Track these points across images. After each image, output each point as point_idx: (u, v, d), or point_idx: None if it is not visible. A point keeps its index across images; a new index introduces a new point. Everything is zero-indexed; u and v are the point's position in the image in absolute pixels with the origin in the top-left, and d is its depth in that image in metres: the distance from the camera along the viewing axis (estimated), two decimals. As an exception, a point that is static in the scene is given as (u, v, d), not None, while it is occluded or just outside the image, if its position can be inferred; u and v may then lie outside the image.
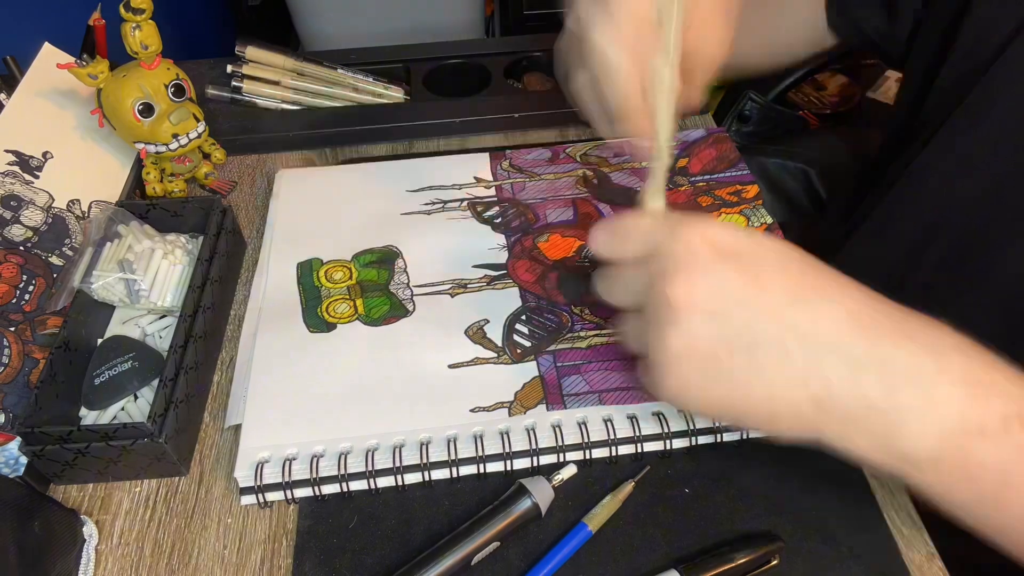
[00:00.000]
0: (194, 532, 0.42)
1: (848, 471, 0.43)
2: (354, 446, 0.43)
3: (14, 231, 0.50)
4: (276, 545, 0.41)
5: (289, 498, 0.42)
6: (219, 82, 0.71)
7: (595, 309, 0.50)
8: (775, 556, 0.39)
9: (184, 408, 0.44)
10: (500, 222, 0.56)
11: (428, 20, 1.32)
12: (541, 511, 0.40)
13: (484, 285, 0.52)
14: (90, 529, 0.41)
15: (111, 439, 0.41)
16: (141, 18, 0.52)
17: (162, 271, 0.50)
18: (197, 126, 0.57)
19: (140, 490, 0.44)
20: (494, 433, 0.43)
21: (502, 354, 0.47)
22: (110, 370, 0.46)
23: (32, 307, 0.48)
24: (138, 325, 0.50)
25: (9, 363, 0.45)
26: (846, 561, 0.39)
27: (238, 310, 0.53)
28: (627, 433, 0.43)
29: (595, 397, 0.44)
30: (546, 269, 0.52)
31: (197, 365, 0.46)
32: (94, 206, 0.55)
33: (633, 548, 0.40)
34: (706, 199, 0.57)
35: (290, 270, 0.53)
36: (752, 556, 0.38)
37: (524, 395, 0.45)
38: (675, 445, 0.43)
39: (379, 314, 0.50)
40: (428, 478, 0.42)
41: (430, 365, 0.47)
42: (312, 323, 0.50)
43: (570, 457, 0.43)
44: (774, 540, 0.39)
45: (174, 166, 0.60)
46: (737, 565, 0.38)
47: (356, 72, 0.73)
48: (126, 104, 0.54)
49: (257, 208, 0.61)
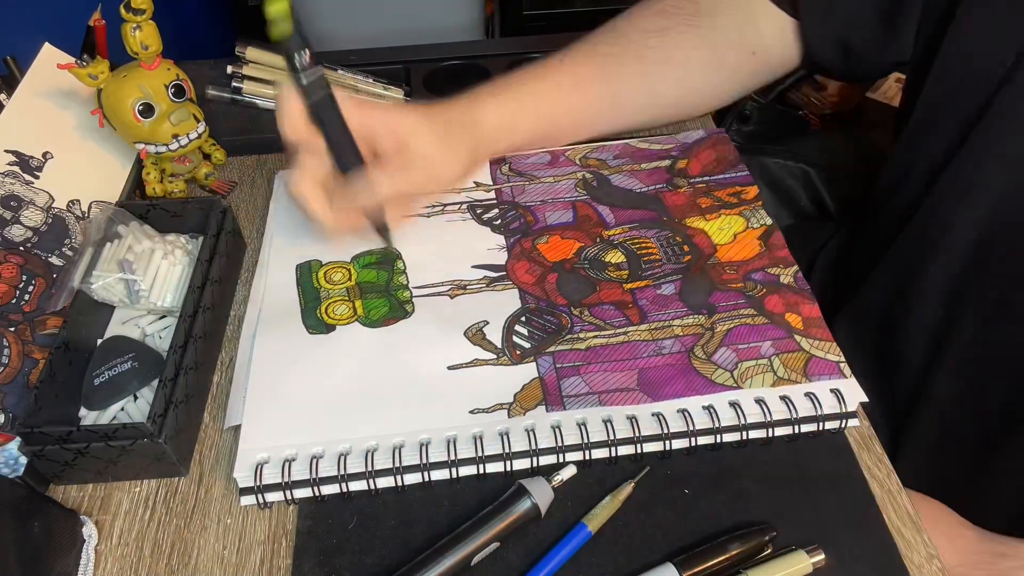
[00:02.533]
0: (194, 532, 0.42)
1: (848, 471, 0.43)
2: (353, 447, 0.43)
3: (14, 231, 0.50)
4: (276, 545, 0.41)
5: (289, 499, 0.42)
6: (219, 83, 0.71)
7: (595, 310, 0.50)
8: (768, 545, 0.39)
9: (184, 408, 0.44)
10: (499, 224, 0.56)
11: (428, 21, 1.32)
12: (541, 511, 0.40)
13: (483, 286, 0.52)
14: (90, 529, 0.41)
15: (111, 439, 0.41)
16: (141, 18, 0.52)
17: (162, 271, 0.50)
18: (197, 127, 0.57)
19: (140, 490, 0.44)
20: (494, 434, 0.43)
21: (501, 355, 0.47)
22: (110, 370, 0.46)
23: (32, 307, 0.48)
24: (138, 325, 0.50)
25: (9, 363, 0.45)
26: (846, 562, 0.39)
27: (238, 311, 0.53)
28: (626, 434, 0.43)
29: (595, 398, 0.44)
30: (545, 271, 0.53)
31: (197, 365, 0.46)
32: (94, 206, 0.55)
33: (633, 548, 0.40)
34: (706, 200, 0.57)
35: (290, 271, 0.53)
36: (745, 547, 0.38)
37: (524, 396, 0.45)
38: (675, 445, 0.43)
39: (378, 315, 0.50)
40: (428, 479, 0.42)
41: (429, 366, 0.47)
42: (311, 324, 0.50)
43: (570, 458, 0.43)
44: (765, 531, 0.39)
45: (174, 166, 0.60)
46: (731, 556, 0.38)
47: (356, 73, 0.73)
48: (126, 104, 0.54)
49: (257, 209, 0.62)
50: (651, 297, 0.50)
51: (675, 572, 0.38)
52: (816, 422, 0.43)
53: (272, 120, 0.70)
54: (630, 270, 0.52)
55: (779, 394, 0.44)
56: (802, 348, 0.46)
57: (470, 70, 0.77)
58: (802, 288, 0.50)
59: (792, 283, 0.50)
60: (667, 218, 0.56)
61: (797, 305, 0.48)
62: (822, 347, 0.46)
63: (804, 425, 0.43)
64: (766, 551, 0.39)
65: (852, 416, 0.44)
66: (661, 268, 0.52)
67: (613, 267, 0.52)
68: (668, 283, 0.51)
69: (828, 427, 0.44)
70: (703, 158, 0.61)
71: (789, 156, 0.84)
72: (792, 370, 0.45)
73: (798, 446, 0.44)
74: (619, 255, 0.53)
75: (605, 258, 0.53)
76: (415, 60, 0.77)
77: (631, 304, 0.50)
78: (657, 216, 0.56)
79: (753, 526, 0.40)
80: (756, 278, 0.51)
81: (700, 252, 0.53)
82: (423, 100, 0.74)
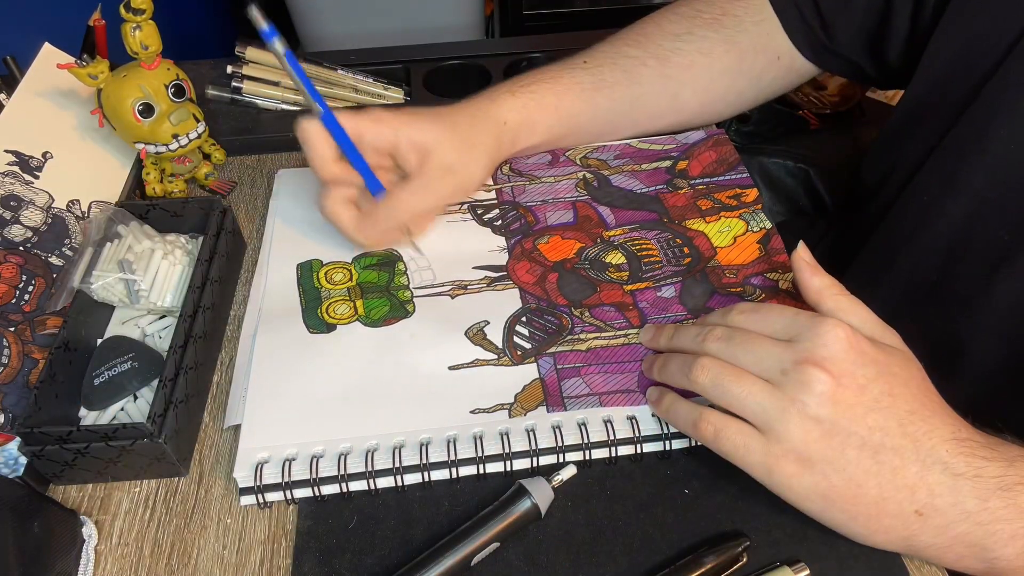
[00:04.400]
0: (193, 532, 0.42)
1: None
2: (354, 446, 0.43)
3: (14, 231, 0.50)
4: (276, 545, 0.41)
5: (289, 498, 0.42)
6: (219, 82, 0.71)
7: (595, 312, 0.50)
8: (742, 556, 0.39)
9: (184, 408, 0.44)
10: (500, 224, 0.56)
11: (428, 20, 1.32)
12: (541, 512, 0.40)
13: (484, 287, 0.52)
14: (89, 529, 0.41)
15: (111, 439, 0.41)
16: (141, 18, 0.52)
17: (162, 271, 0.50)
18: (197, 126, 0.57)
19: (140, 490, 0.44)
20: (494, 434, 0.43)
21: (502, 356, 0.47)
22: (110, 370, 0.46)
23: (32, 307, 0.48)
24: (138, 325, 0.50)
25: (9, 363, 0.45)
26: (846, 562, 0.39)
27: (238, 310, 0.53)
28: (627, 434, 0.43)
29: (595, 399, 0.44)
30: (546, 270, 0.53)
31: (197, 365, 0.46)
32: (94, 206, 0.55)
33: (633, 548, 0.40)
34: (706, 202, 0.57)
35: (290, 271, 0.53)
36: (719, 559, 0.38)
37: (524, 397, 0.45)
38: (675, 445, 0.43)
39: (379, 315, 0.50)
40: (428, 479, 0.42)
41: (430, 366, 0.47)
42: (312, 324, 0.50)
43: (570, 458, 0.43)
44: (739, 538, 0.39)
45: (174, 166, 0.60)
46: (706, 570, 0.38)
47: (356, 73, 0.73)
48: (126, 104, 0.54)
49: (257, 209, 0.61)
50: (651, 300, 0.50)
51: None
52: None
53: (272, 120, 0.70)
54: (630, 271, 0.52)
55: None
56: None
57: (470, 70, 0.77)
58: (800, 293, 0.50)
59: (790, 288, 0.50)
60: (667, 220, 0.56)
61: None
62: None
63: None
64: (740, 562, 0.38)
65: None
66: (661, 270, 0.52)
67: (614, 268, 0.52)
68: (668, 285, 0.51)
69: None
70: (703, 159, 0.61)
71: (789, 156, 0.84)
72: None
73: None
74: (619, 256, 0.53)
75: (606, 259, 0.53)
76: (415, 60, 0.77)
77: (631, 306, 0.50)
78: (657, 217, 0.56)
79: (727, 536, 0.39)
80: (755, 283, 0.51)
81: (700, 254, 0.53)
82: (423, 100, 0.74)
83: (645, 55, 0.58)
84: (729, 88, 0.60)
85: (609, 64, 0.57)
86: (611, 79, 0.57)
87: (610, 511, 0.41)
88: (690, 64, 0.58)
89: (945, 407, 0.38)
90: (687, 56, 0.58)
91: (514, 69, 0.79)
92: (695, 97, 0.60)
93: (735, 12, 0.58)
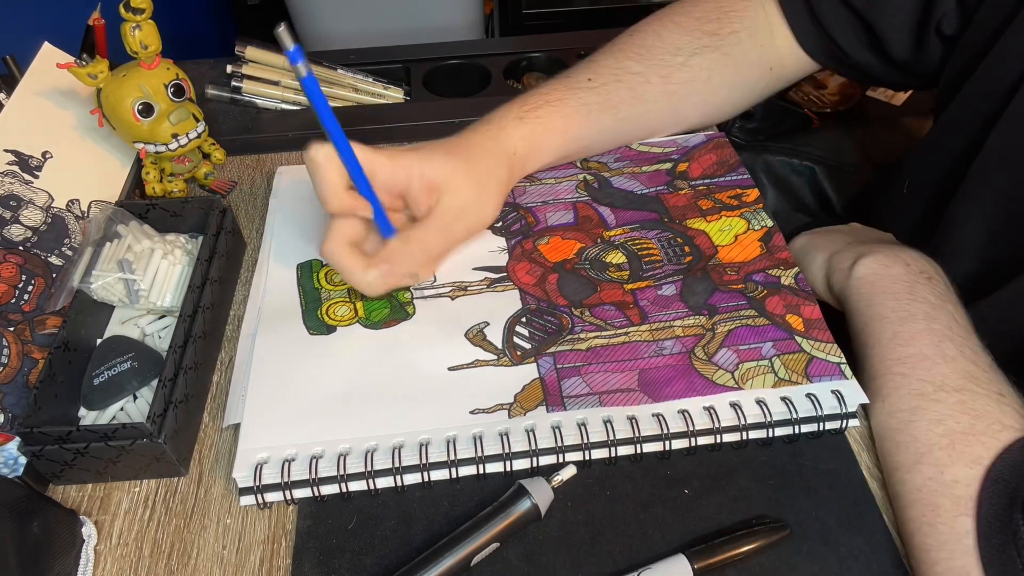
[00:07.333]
0: (193, 532, 0.42)
1: (848, 471, 0.43)
2: (353, 447, 0.43)
3: (13, 231, 0.50)
4: (275, 546, 0.41)
5: (288, 499, 0.42)
6: (219, 82, 0.71)
7: (596, 311, 0.50)
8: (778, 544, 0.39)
9: (183, 408, 0.44)
10: (500, 225, 0.56)
11: (428, 20, 1.32)
12: (541, 512, 0.40)
13: (484, 287, 0.52)
14: (89, 529, 0.41)
15: (110, 439, 0.41)
16: (141, 18, 0.52)
17: (161, 271, 0.50)
18: (197, 126, 0.57)
19: (139, 490, 0.44)
20: (493, 434, 0.43)
21: (502, 356, 0.47)
22: (109, 370, 0.46)
23: (31, 307, 0.48)
24: (137, 325, 0.50)
25: (8, 363, 0.45)
26: (846, 561, 0.39)
27: (238, 310, 0.53)
28: (626, 434, 0.42)
29: (595, 399, 0.44)
30: (546, 271, 0.52)
31: (196, 365, 0.46)
32: (94, 206, 0.55)
33: (633, 548, 0.40)
34: (706, 202, 0.57)
35: (290, 271, 0.53)
36: (759, 544, 0.39)
37: (524, 397, 0.45)
38: (675, 445, 0.43)
39: (379, 317, 0.50)
40: (427, 479, 0.42)
41: (430, 367, 0.47)
42: (312, 325, 0.49)
43: (570, 458, 0.43)
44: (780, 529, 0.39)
45: (174, 166, 0.60)
46: (743, 551, 0.38)
47: (356, 72, 0.73)
48: (126, 104, 0.54)
49: (257, 208, 0.61)
50: (652, 298, 0.50)
51: (687, 563, 0.38)
52: (816, 423, 0.43)
53: (272, 120, 0.70)
54: (631, 270, 0.52)
55: (780, 395, 0.44)
56: (803, 349, 0.46)
57: (470, 69, 0.78)
58: (803, 289, 0.50)
59: (793, 284, 0.50)
60: (668, 219, 0.56)
61: (798, 307, 0.48)
62: (823, 348, 0.46)
63: (804, 426, 0.43)
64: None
65: (852, 417, 0.44)
66: (662, 269, 0.52)
67: (614, 267, 0.52)
68: (669, 284, 0.51)
69: (828, 428, 0.44)
70: (703, 161, 0.61)
71: (794, 154, 0.84)
72: (793, 371, 0.45)
73: (798, 447, 0.44)
74: (620, 256, 0.53)
75: (606, 258, 0.53)
76: (415, 59, 0.77)
77: (632, 305, 0.50)
78: (658, 217, 0.56)
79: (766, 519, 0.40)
80: (757, 279, 0.51)
81: (701, 253, 0.53)
82: (423, 99, 0.74)
83: (648, 72, 0.58)
84: (726, 100, 0.62)
85: (614, 82, 0.57)
86: (616, 99, 0.57)
87: (610, 511, 0.41)
88: (691, 79, 0.59)
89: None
90: (688, 72, 0.58)
91: (514, 69, 0.79)
92: (695, 110, 0.61)
93: (732, 26, 0.59)
